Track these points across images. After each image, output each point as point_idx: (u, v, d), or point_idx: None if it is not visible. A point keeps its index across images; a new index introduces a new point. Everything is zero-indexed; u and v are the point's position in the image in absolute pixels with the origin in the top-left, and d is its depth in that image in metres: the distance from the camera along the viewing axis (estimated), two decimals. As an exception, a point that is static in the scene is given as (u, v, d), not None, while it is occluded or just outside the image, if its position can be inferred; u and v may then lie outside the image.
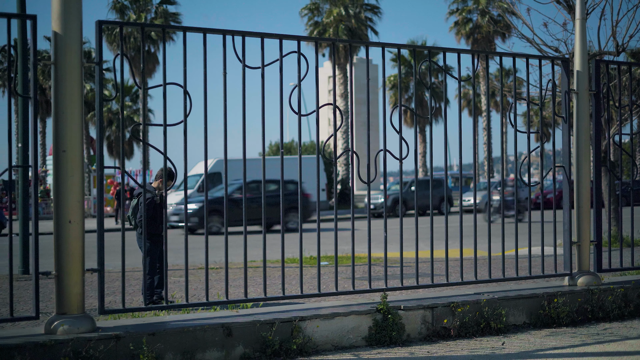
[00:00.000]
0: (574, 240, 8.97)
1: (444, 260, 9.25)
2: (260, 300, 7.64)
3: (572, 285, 8.87)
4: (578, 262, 9.01)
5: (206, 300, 7.26)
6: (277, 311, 7.41)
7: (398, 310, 7.59)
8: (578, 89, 8.94)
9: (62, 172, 6.52)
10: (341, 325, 7.31)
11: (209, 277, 7.91)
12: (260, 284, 12.04)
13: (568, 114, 8.95)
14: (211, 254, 13.39)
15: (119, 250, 7.21)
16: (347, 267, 15.27)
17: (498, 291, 8.49)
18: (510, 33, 37.15)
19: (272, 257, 16.83)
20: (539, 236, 9.31)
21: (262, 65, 7.42)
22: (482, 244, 9.42)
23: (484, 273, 9.76)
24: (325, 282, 11.25)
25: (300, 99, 7.53)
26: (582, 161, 8.93)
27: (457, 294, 8.34)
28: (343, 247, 18.92)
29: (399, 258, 8.24)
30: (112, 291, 12.09)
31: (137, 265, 16.74)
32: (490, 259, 8.60)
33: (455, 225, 9.78)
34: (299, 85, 7.55)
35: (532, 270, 8.95)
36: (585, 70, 8.95)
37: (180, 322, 6.87)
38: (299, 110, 7.54)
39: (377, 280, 12.68)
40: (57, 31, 6.47)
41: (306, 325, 7.12)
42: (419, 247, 8.34)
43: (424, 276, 13.22)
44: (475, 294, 8.28)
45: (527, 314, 8.28)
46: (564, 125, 9.02)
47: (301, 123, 7.58)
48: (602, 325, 8.34)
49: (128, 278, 13.94)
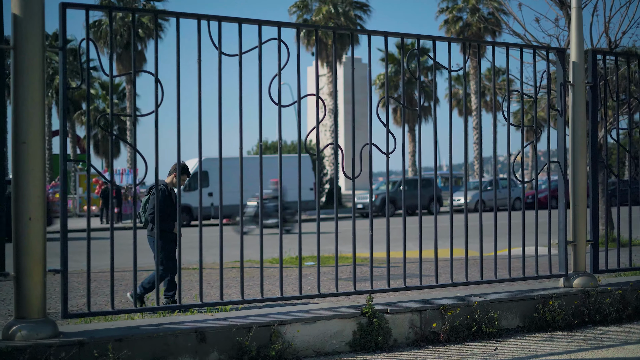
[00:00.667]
0: (569, 240, 8.55)
1: (433, 261, 8.83)
2: (237, 303, 7.17)
3: (568, 286, 8.45)
4: (574, 262, 8.59)
5: (179, 304, 6.79)
6: (256, 315, 6.94)
7: (384, 314, 7.15)
8: (574, 81, 8.52)
9: (22, 166, 6.05)
10: (324, 330, 6.85)
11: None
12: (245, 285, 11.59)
13: (564, 107, 8.52)
14: (191, 253, 13.02)
15: (105, 250, 6.77)
16: (334, 268, 14.81)
17: (490, 293, 8.06)
18: (500, 30, 36.79)
19: (254, 257, 16.40)
20: (533, 236, 8.89)
21: (239, 53, 6.96)
22: (473, 244, 8.99)
23: (475, 274, 9.34)
24: (310, 283, 10.80)
25: (280, 89, 7.08)
26: (578, 157, 8.50)
27: (447, 296, 7.90)
28: (331, 247, 18.42)
29: (386, 258, 7.75)
30: (103, 292, 11.64)
31: (127, 266, 16.22)
32: (481, 259, 8.16)
33: (445, 225, 9.33)
34: (279, 74, 7.10)
35: (526, 271, 8.51)
36: (582, 61, 8.53)
37: (151, 327, 6.40)
38: (279, 101, 7.08)
39: (364, 280, 12.24)
40: (16, 13, 6.00)
41: (286, 330, 6.67)
42: (407, 247, 7.90)
43: (412, 277, 12.77)
44: (466, 296, 7.84)
45: (521, 317, 7.85)
46: (559, 119, 8.59)
47: (281, 115, 7.13)
48: (599, 329, 7.91)
49: (119, 279, 13.47)
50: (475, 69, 50.55)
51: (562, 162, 8.52)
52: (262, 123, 7.20)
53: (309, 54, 49.39)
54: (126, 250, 19.10)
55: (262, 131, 7.10)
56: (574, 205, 8.51)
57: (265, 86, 7.02)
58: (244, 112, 6.92)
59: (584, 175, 8.52)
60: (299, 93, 7.15)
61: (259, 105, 7.04)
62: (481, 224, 8.20)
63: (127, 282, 13.38)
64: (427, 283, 8.25)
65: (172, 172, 9.91)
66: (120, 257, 15.62)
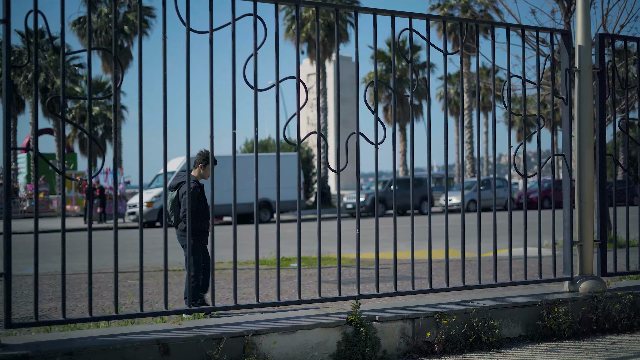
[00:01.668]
0: (575, 240, 7.82)
1: (425, 262, 8.13)
2: (207, 310, 6.38)
3: (574, 291, 7.72)
4: (580, 264, 7.85)
5: (140, 311, 6.00)
6: (227, 324, 6.17)
7: (372, 322, 6.39)
8: (580, 67, 7.79)
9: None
10: (304, 341, 6.09)
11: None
12: (221, 289, 10.84)
13: (569, 95, 7.79)
14: (173, 254, 12.32)
15: (85, 250, 6.02)
16: (322, 269, 14.05)
17: (489, 298, 7.31)
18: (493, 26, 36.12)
19: (241, 258, 15.66)
20: (531, 237, 8.14)
21: (210, 30, 6.19)
22: (469, 244, 8.27)
23: (473, 277, 8.60)
24: (295, 286, 10.02)
25: (257, 71, 6.32)
26: (584, 149, 7.77)
27: (442, 302, 7.14)
28: (315, 247, 17.69)
29: (375, 261, 7.00)
30: (81, 295, 10.85)
31: (109, 267, 15.46)
32: (480, 261, 7.41)
33: (438, 225, 8.55)
34: (255, 54, 6.33)
35: (528, 274, 7.77)
36: (589, 45, 7.80)
37: (107, 338, 5.62)
38: (255, 84, 6.32)
39: (351, 283, 11.52)
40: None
41: (261, 341, 5.90)
42: (398, 248, 7.15)
43: (404, 279, 12.02)
44: (463, 302, 7.09)
45: (524, 325, 7.11)
46: (564, 107, 7.86)
47: (257, 99, 6.36)
48: (609, 338, 7.18)
49: (97, 281, 12.70)
50: (467, 67, 49.95)
51: (568, 154, 7.79)
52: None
53: (301, 55, 48.46)
54: (108, 251, 18.33)
55: (235, 119, 6.33)
56: (580, 202, 7.78)
57: (240, 68, 6.26)
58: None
59: (591, 169, 7.79)
60: (277, 76, 6.40)
61: (232, 89, 6.27)
62: (479, 223, 7.44)
63: (100, 284, 12.59)
64: (420, 287, 7.51)
65: (199, 163, 9.00)
66: (102, 258, 14.88)
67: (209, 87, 6.21)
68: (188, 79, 6.11)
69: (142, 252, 6.06)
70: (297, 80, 6.49)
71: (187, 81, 6.12)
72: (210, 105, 6.20)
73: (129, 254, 12.00)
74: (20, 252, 20.04)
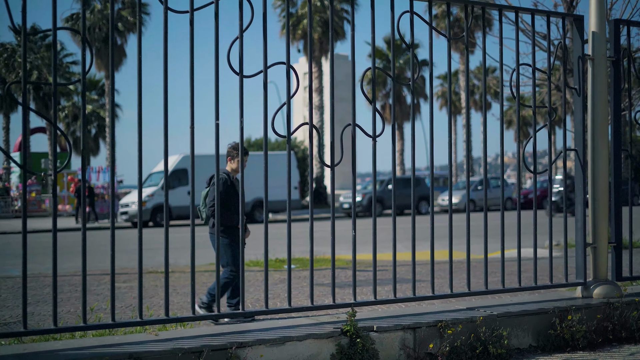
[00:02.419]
0: (588, 242, 7.24)
1: (425, 264, 7.55)
2: (185, 320, 5.78)
3: (587, 297, 7.14)
4: (593, 268, 7.28)
5: (112, 321, 5.40)
6: (209, 334, 5.57)
7: (370, 332, 5.81)
8: (594, 55, 7.21)
9: None
10: (294, 353, 5.50)
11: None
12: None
13: (582, 85, 7.21)
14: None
15: (75, 251, 5.44)
16: (317, 271, 13.47)
17: (497, 305, 6.73)
18: (491, 26, 35.52)
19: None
20: (530, 237, 7.57)
21: (190, 9, 5.60)
22: (473, 244, 7.69)
23: (475, 280, 8.03)
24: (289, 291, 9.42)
25: (242, 55, 5.74)
26: (598, 143, 7.19)
27: (445, 310, 6.55)
28: (316, 248, 17.10)
29: (372, 264, 6.41)
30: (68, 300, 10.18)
31: (93, 269, 14.92)
32: (486, 265, 6.82)
33: (437, 225, 7.98)
34: (241, 37, 5.74)
35: (535, 277, 7.18)
36: (603, 31, 7.23)
37: (74, 351, 5.03)
38: (241, 70, 5.74)
39: (347, 287, 10.93)
40: None
41: (247, 354, 5.31)
42: (398, 249, 6.56)
43: (403, 282, 11.44)
44: (468, 310, 6.51)
45: (534, 335, 6.53)
46: (576, 99, 7.28)
47: (243, 86, 5.77)
48: (626, 349, 6.60)
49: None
50: (465, 64, 49.46)
51: (581, 149, 7.21)
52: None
53: (297, 53, 47.99)
54: (96, 252, 17.77)
55: (218, 106, 5.73)
56: (593, 200, 7.21)
57: (226, 52, 5.67)
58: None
59: (606, 164, 7.22)
60: (265, 61, 5.81)
61: (215, 75, 5.68)
62: (486, 223, 6.85)
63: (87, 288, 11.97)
64: (422, 293, 6.92)
65: (228, 157, 8.43)
66: (90, 259, 14.31)
67: (189, 73, 5.63)
68: (166, 65, 5.52)
69: (114, 254, 5.46)
70: (287, 66, 5.90)
71: (165, 67, 5.53)
72: (190, 93, 5.61)
73: (117, 255, 11.44)
74: (8, 253, 19.46)
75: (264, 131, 5.83)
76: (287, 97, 5.87)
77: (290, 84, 5.87)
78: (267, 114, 5.84)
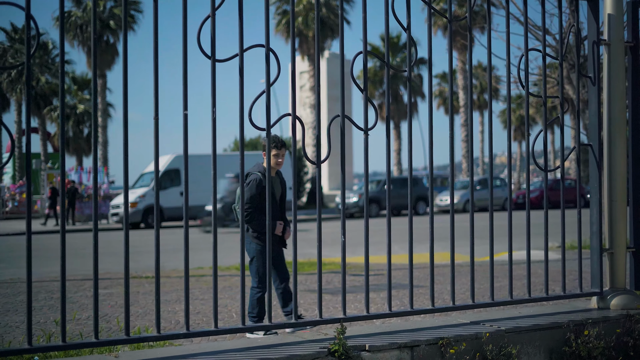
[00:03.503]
0: (604, 247, 6.53)
1: (424, 267, 6.76)
2: (148, 340, 5.03)
3: (604, 308, 6.42)
4: (610, 276, 6.56)
5: (62, 342, 4.65)
6: (178, 356, 4.84)
7: (361, 352, 5.08)
8: (610, 39, 6.50)
9: None
10: (274, 378, 4.77)
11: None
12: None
13: (597, 73, 6.50)
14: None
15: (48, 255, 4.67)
16: (307, 276, 12.74)
17: (504, 319, 5.99)
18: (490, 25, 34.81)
19: (222, 263, 14.31)
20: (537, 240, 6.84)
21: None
22: (463, 247, 6.96)
23: (481, 287, 7.30)
24: (274, 298, 8.71)
25: (214, 37, 5.01)
26: (615, 137, 6.48)
27: (446, 324, 5.82)
28: (310, 250, 16.40)
29: (365, 274, 5.68)
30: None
31: (70, 274, 14.22)
32: (492, 275, 6.09)
33: (436, 225, 7.27)
34: (213, 16, 5.02)
35: (544, 285, 6.46)
36: (620, 14, 6.52)
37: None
38: (213, 53, 5.01)
39: (338, 294, 10.15)
40: None
41: (218, 380, 4.59)
42: (394, 251, 5.83)
43: (400, 288, 10.69)
44: (473, 324, 5.78)
45: (546, 352, 5.80)
46: (591, 88, 6.56)
47: (215, 71, 5.05)
48: (649, 368, 5.89)
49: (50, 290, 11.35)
50: (463, 63, 48.74)
51: (596, 144, 6.49)
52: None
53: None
54: (76, 255, 17.02)
55: (187, 95, 5.01)
56: (610, 201, 6.49)
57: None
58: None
59: (623, 161, 6.50)
60: (241, 43, 5.09)
61: (183, 58, 4.96)
62: (491, 223, 6.13)
63: (53, 295, 11.24)
64: (420, 306, 6.19)
65: (263, 151, 7.79)
66: (70, 263, 13.59)
67: (153, 55, 4.90)
68: (125, 44, 4.80)
69: (65, 260, 4.72)
70: (267, 49, 5.18)
71: (124, 52, 4.81)
72: (154, 77, 4.88)
73: (104, 258, 10.73)
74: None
75: (240, 124, 5.10)
76: (266, 84, 5.15)
77: (269, 70, 5.15)
78: (243, 104, 5.11)
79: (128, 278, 4.65)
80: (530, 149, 6.31)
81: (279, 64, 5.18)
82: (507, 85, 6.02)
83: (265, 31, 5.21)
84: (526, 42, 6.09)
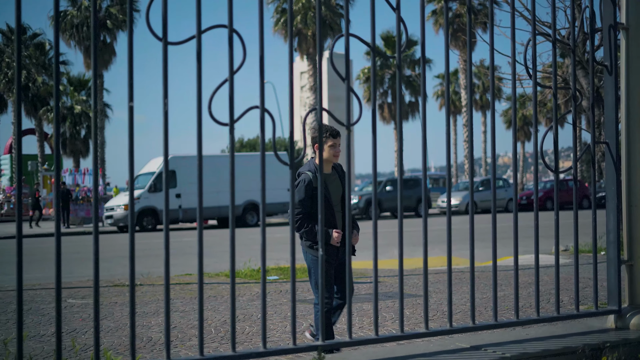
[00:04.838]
0: (623, 259, 5.75)
1: (415, 273, 5.92)
2: None
3: (622, 328, 5.64)
4: (629, 291, 5.78)
5: None
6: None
7: (341, 386, 4.32)
8: (628, 23, 5.72)
9: None
10: (236, 420, 4.00)
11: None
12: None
13: (614, 61, 5.72)
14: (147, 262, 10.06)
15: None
16: (300, 283, 11.96)
17: (509, 342, 5.21)
18: (492, 22, 34.07)
19: (214, 269, 13.58)
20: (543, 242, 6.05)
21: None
22: (462, 250, 6.19)
23: (482, 298, 6.51)
24: (263, 307, 7.91)
25: (166, 15, 4.25)
26: (635, 134, 5.70)
27: (443, 350, 5.03)
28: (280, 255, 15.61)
29: (352, 277, 4.90)
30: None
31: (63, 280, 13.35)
32: (495, 291, 5.31)
33: (435, 228, 6.43)
34: (165, -10, 4.25)
35: (555, 305, 5.68)
36: (639, -6, 5.75)
37: None
38: (164, 34, 4.25)
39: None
40: None
41: None
42: (386, 255, 5.06)
43: (394, 297, 9.92)
44: (473, 350, 5.00)
45: (558, 382, 5.03)
46: (607, 78, 5.79)
47: (167, 55, 4.27)
48: (676, 398, 5.11)
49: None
50: (464, 62, 48.05)
51: (613, 141, 5.71)
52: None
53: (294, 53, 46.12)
54: (64, 259, 16.27)
55: (132, 86, 4.24)
56: (629, 206, 5.71)
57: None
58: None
59: (644, 161, 5.72)
60: (199, 24, 4.32)
61: (128, 44, 4.19)
62: (494, 227, 5.35)
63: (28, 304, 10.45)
64: (411, 330, 5.41)
65: (314, 144, 6.42)
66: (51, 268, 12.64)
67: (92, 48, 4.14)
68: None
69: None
70: (230, 30, 4.40)
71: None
72: (93, 68, 4.12)
73: (89, 263, 9.98)
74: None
75: (197, 118, 4.33)
76: (229, 72, 4.38)
77: (232, 54, 4.38)
78: (200, 96, 4.34)
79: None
80: (539, 148, 5.53)
81: (244, 48, 4.41)
82: (512, 80, 5.23)
83: (229, 10, 4.44)
84: (533, 25, 5.29)
